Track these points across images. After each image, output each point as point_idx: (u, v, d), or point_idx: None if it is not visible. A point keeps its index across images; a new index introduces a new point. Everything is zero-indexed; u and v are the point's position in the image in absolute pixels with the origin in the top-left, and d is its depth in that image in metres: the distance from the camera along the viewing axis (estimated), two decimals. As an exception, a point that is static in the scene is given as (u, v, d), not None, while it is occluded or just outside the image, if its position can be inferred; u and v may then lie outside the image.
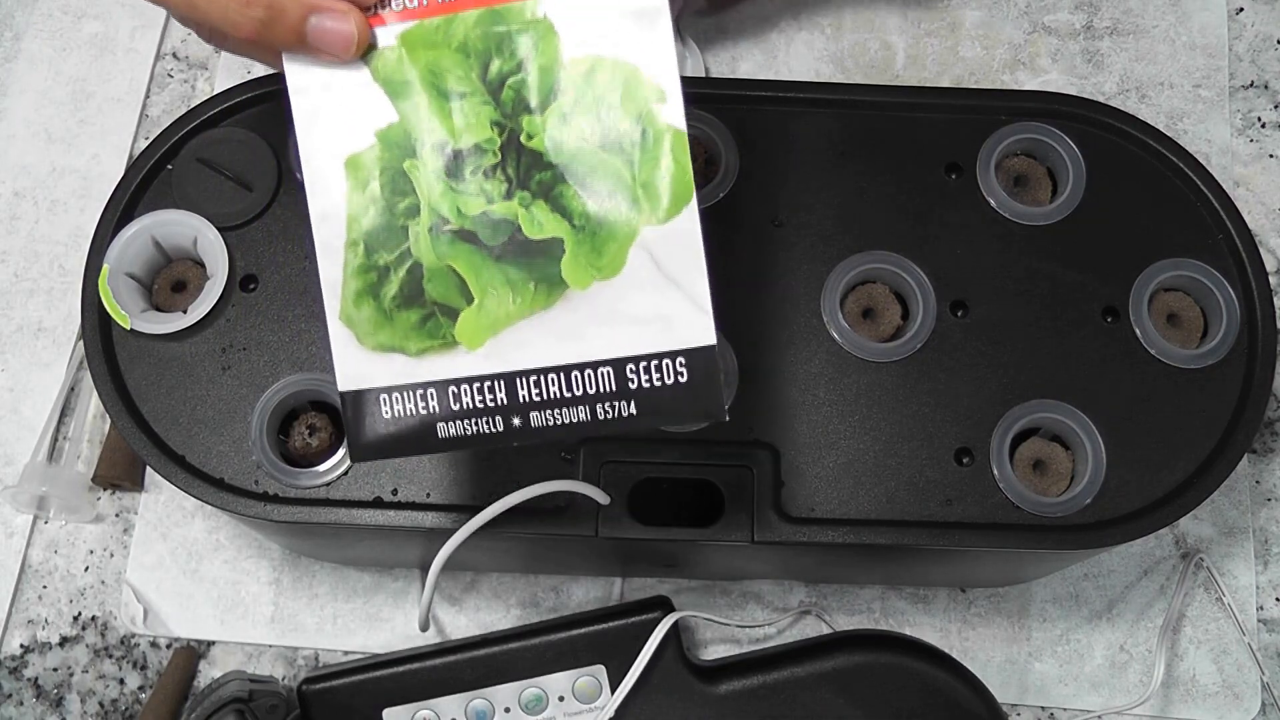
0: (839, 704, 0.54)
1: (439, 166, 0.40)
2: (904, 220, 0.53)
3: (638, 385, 0.39)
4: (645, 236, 0.39)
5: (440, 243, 0.40)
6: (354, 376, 0.40)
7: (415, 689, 0.54)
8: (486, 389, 0.40)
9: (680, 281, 0.39)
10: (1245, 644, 0.61)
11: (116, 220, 0.52)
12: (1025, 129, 0.54)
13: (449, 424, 0.40)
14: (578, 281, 0.39)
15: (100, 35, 0.71)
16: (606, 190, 0.39)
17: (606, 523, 0.49)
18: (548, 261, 0.39)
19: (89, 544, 0.63)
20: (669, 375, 0.39)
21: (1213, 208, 0.53)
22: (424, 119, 0.40)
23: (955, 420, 0.51)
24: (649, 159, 0.39)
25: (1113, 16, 0.71)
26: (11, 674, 0.61)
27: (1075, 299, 0.52)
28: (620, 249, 0.39)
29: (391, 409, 0.40)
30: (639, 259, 0.39)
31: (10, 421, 0.64)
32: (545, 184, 0.39)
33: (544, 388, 0.39)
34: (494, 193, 0.40)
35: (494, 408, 0.40)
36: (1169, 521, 0.49)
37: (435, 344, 0.40)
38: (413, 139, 0.40)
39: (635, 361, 0.39)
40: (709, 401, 0.39)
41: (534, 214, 0.39)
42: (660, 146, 0.39)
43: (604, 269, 0.39)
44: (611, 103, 0.39)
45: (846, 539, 0.49)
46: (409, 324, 0.40)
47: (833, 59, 0.70)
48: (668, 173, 0.39)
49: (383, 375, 0.40)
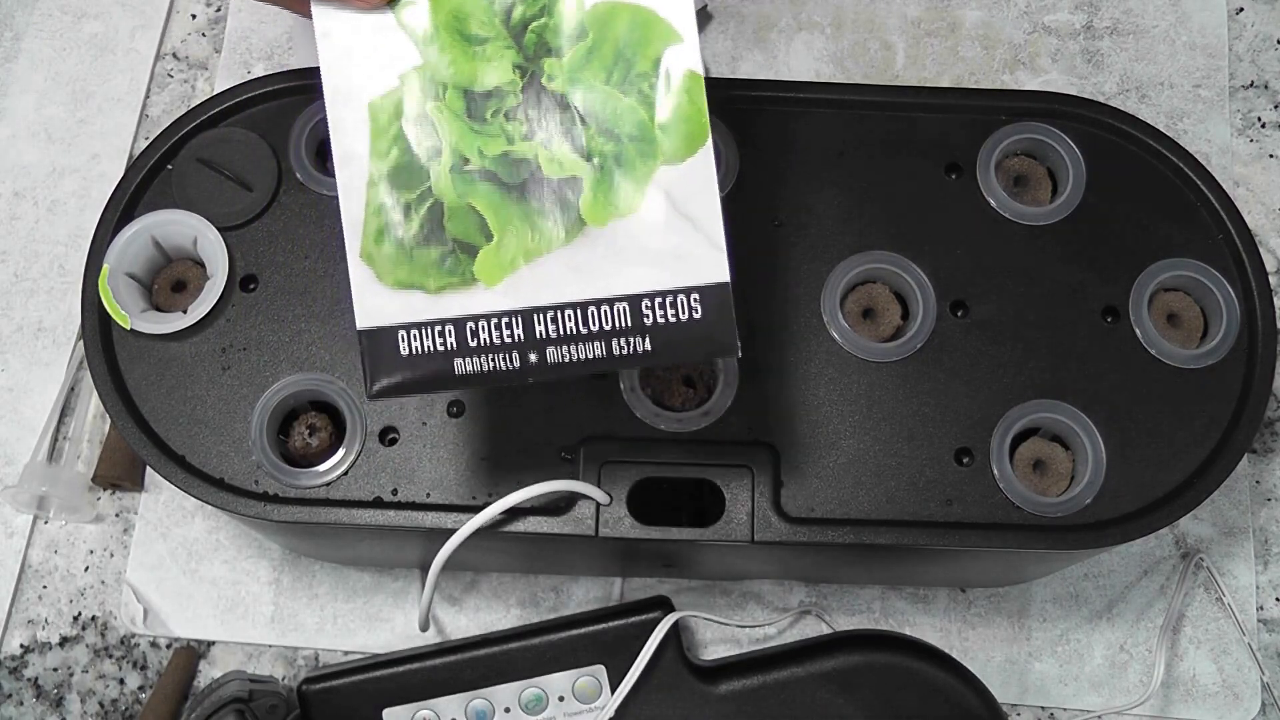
0: (839, 704, 0.54)
1: (461, 108, 0.41)
2: (904, 220, 0.53)
3: (653, 321, 0.40)
4: (662, 176, 0.40)
5: (461, 181, 0.41)
6: (373, 313, 0.41)
7: (415, 689, 0.54)
8: (504, 325, 0.40)
9: (696, 220, 0.40)
10: (1245, 644, 0.61)
11: (116, 220, 0.52)
12: (1025, 129, 0.54)
13: (465, 360, 0.40)
14: (596, 219, 0.40)
15: (100, 35, 0.71)
16: (625, 131, 0.40)
17: (606, 523, 0.49)
18: (566, 200, 0.40)
19: (89, 544, 0.63)
20: (684, 311, 0.40)
21: (1213, 208, 0.53)
22: (447, 62, 0.40)
23: (955, 420, 0.51)
24: (666, 101, 0.40)
25: (1113, 16, 0.71)
26: (11, 674, 0.61)
27: (1075, 299, 0.52)
28: (637, 188, 0.40)
29: (409, 346, 0.40)
30: (655, 198, 0.40)
31: (10, 421, 0.64)
32: (565, 125, 0.40)
33: (560, 324, 0.40)
34: (515, 133, 0.41)
35: (511, 344, 0.40)
36: (1169, 521, 0.50)
37: (454, 281, 0.40)
38: (436, 82, 0.40)
39: (650, 298, 0.40)
40: (723, 337, 0.40)
41: (554, 154, 0.40)
42: (677, 89, 0.40)
43: (621, 208, 0.40)
44: (630, 46, 0.40)
45: (846, 539, 0.49)
46: (429, 261, 0.41)
47: (833, 59, 0.70)
48: (684, 114, 0.40)
49: (401, 312, 0.40)
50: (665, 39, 0.40)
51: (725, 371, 0.51)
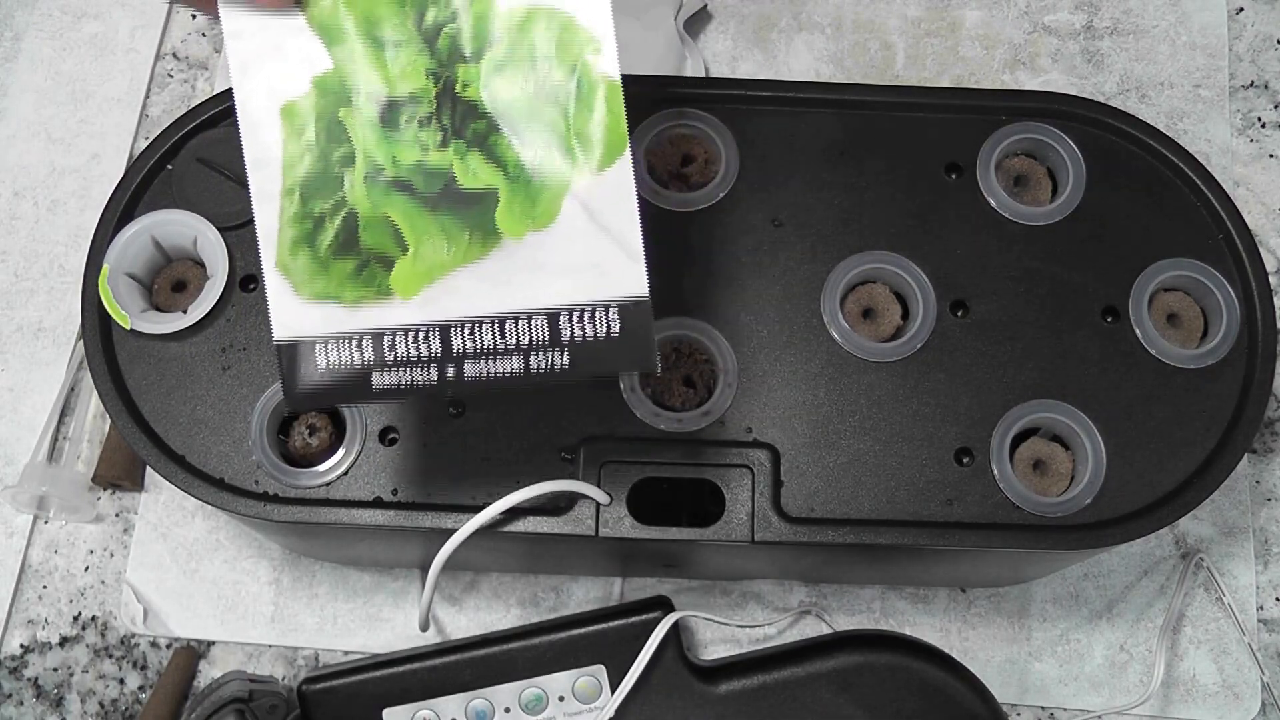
0: (839, 704, 0.54)
1: (374, 115, 0.40)
2: (904, 220, 0.53)
3: (570, 336, 0.39)
4: (579, 187, 0.39)
5: (375, 191, 0.40)
6: (289, 326, 0.40)
7: (415, 689, 0.54)
8: (421, 338, 0.40)
9: (613, 231, 0.39)
10: (1245, 644, 0.61)
11: (116, 220, 0.52)
12: (1025, 129, 0.54)
13: (383, 373, 0.40)
14: (512, 231, 0.40)
15: (100, 35, 0.71)
16: (541, 140, 0.39)
17: (606, 523, 0.49)
18: (482, 211, 0.40)
19: (89, 544, 0.63)
20: (601, 326, 0.39)
21: (1213, 208, 0.53)
22: (359, 67, 0.40)
23: (955, 420, 0.51)
24: (583, 109, 0.39)
25: (1113, 16, 0.71)
26: (11, 674, 0.61)
27: (1075, 299, 0.52)
28: (554, 199, 0.39)
29: (326, 359, 0.40)
30: (573, 209, 0.39)
31: (10, 421, 0.64)
32: (480, 133, 0.40)
33: (478, 338, 0.40)
34: (429, 142, 0.40)
35: (428, 358, 0.40)
36: (1169, 521, 0.49)
37: (370, 293, 0.40)
38: (348, 87, 0.40)
39: (568, 312, 0.39)
40: (642, 353, 0.39)
41: (469, 164, 0.40)
42: (595, 97, 0.39)
43: (538, 219, 0.39)
44: (546, 52, 0.39)
45: (846, 539, 0.49)
46: (344, 273, 0.40)
47: (833, 59, 0.70)
48: (602, 123, 0.39)
49: (318, 324, 0.40)
50: (583, 46, 0.39)
51: (725, 372, 0.51)
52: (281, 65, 0.40)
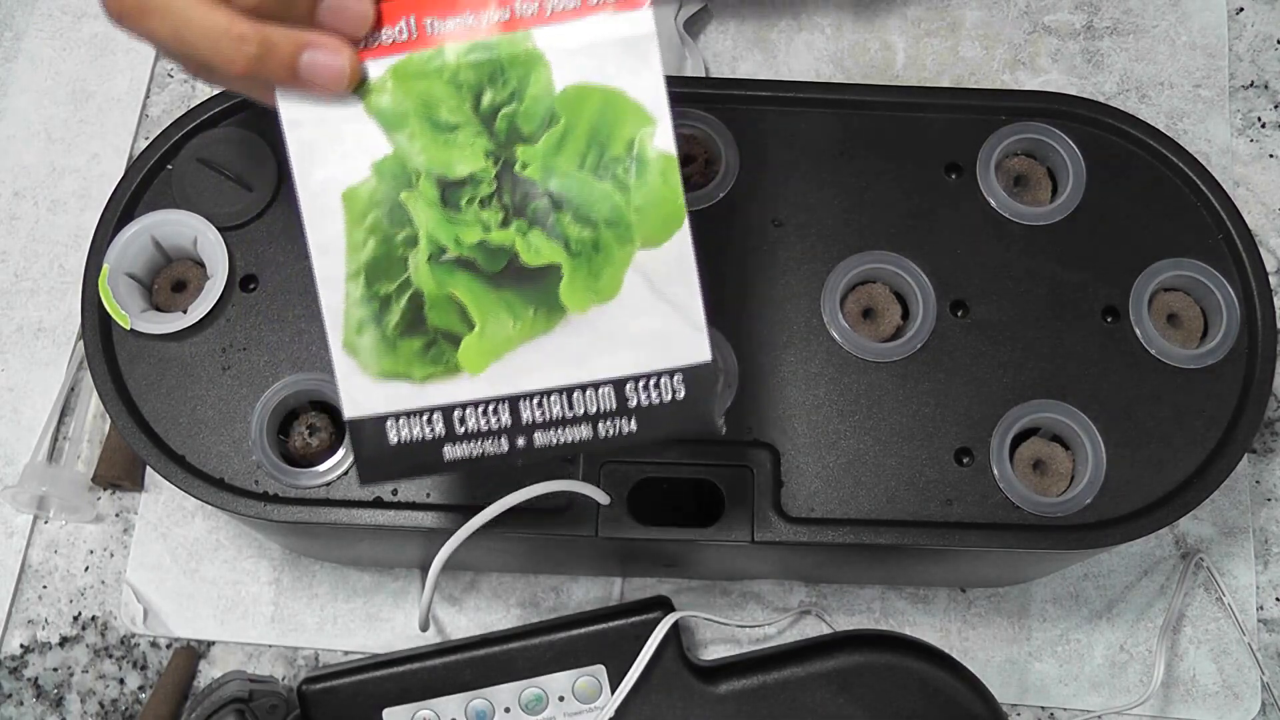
0: (839, 704, 0.54)
1: (435, 197, 0.40)
2: (904, 220, 0.53)
3: (637, 403, 0.40)
4: (640, 260, 0.40)
5: (439, 271, 0.40)
6: (360, 404, 0.41)
7: (415, 689, 0.54)
8: (491, 411, 0.40)
9: (675, 302, 0.40)
10: (1245, 644, 0.61)
11: (116, 220, 0.52)
12: (1025, 129, 0.54)
13: (455, 446, 0.41)
14: (576, 305, 0.40)
15: (100, 35, 0.71)
16: (601, 217, 0.40)
17: (606, 523, 0.49)
18: (546, 287, 0.40)
19: (89, 544, 0.63)
20: (667, 392, 0.40)
21: (1213, 208, 0.53)
22: (418, 150, 0.40)
23: (955, 420, 0.51)
24: (641, 185, 0.40)
25: (1113, 16, 0.71)
26: (11, 674, 0.61)
27: (1075, 299, 0.52)
28: (616, 273, 0.40)
29: (398, 434, 0.41)
30: (635, 282, 0.40)
31: (10, 421, 0.64)
32: (541, 212, 0.40)
33: (547, 408, 0.40)
34: (491, 221, 0.40)
35: (499, 429, 0.40)
36: (1169, 521, 0.50)
37: (439, 370, 0.40)
38: (408, 170, 0.40)
39: (634, 380, 0.40)
40: (707, 415, 0.40)
41: (531, 241, 0.40)
42: (652, 172, 0.40)
43: (601, 293, 0.40)
44: (602, 129, 0.40)
45: (846, 539, 0.49)
46: (412, 351, 0.41)
47: (833, 59, 0.70)
48: (659, 197, 0.40)
49: (388, 402, 0.41)
50: (637, 121, 0.39)
51: (725, 372, 0.51)
52: (341, 152, 0.40)
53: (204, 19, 0.37)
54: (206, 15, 0.37)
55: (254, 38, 0.37)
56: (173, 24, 0.38)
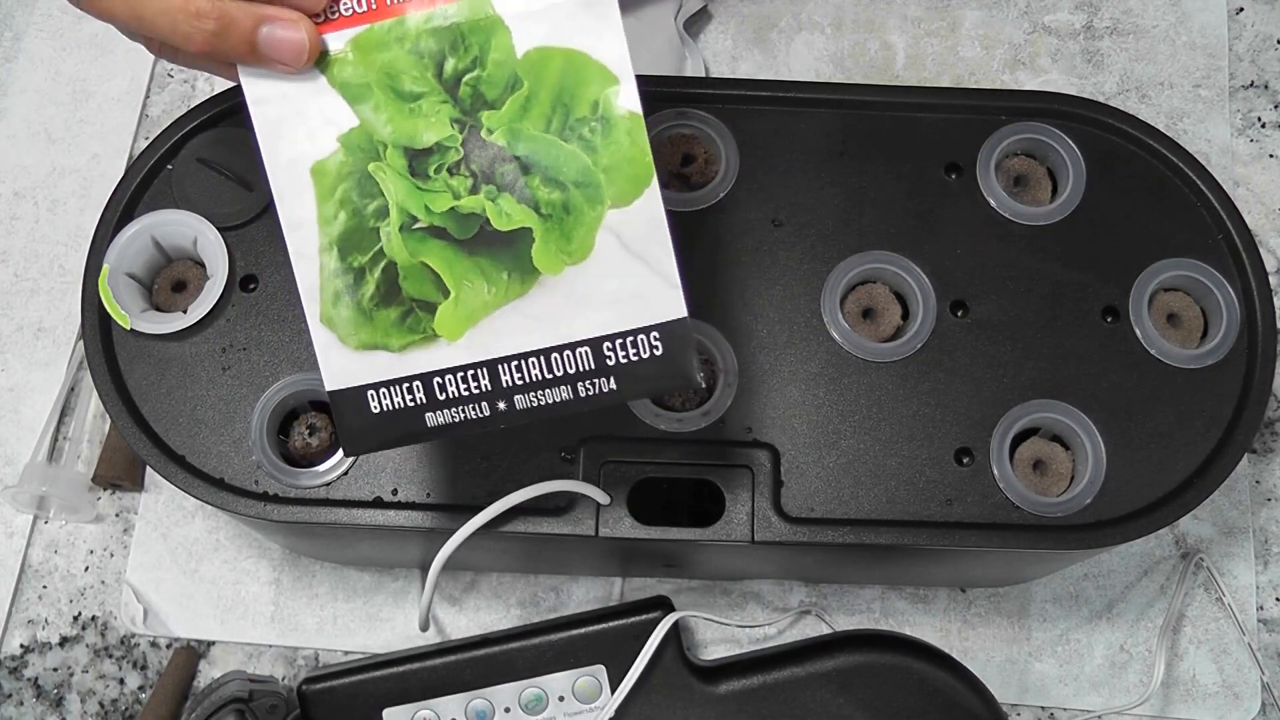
0: (839, 704, 0.54)
1: (403, 166, 0.40)
2: (904, 220, 0.53)
3: (615, 361, 0.40)
4: (610, 219, 0.40)
5: (411, 240, 0.41)
6: (340, 375, 0.41)
7: (415, 689, 0.54)
8: (470, 377, 0.41)
9: (648, 259, 0.40)
10: (1245, 644, 0.61)
11: (116, 220, 0.52)
12: (1025, 129, 0.54)
13: (436, 413, 0.41)
14: (549, 268, 0.40)
15: (100, 35, 0.71)
16: (569, 178, 0.40)
17: (606, 523, 0.49)
18: (519, 251, 0.40)
19: (89, 544, 0.63)
20: (644, 349, 0.40)
21: (1213, 208, 0.53)
22: (384, 121, 0.40)
23: (955, 420, 0.51)
24: (608, 144, 0.40)
25: (1113, 16, 0.71)
26: (11, 674, 0.61)
27: (1075, 299, 0.52)
28: (588, 233, 0.40)
29: (379, 403, 0.41)
30: (607, 241, 0.40)
31: (10, 421, 0.64)
32: (509, 176, 0.40)
33: (525, 371, 0.41)
34: (460, 188, 0.40)
35: (479, 394, 0.41)
36: (1169, 521, 0.49)
37: (416, 338, 0.41)
38: (375, 141, 0.40)
39: (612, 339, 0.40)
40: (684, 370, 0.40)
41: (501, 206, 0.40)
42: (618, 131, 0.40)
43: (574, 254, 0.40)
44: (567, 91, 0.40)
45: (846, 539, 0.49)
46: (389, 321, 0.41)
47: (833, 59, 0.70)
48: (627, 155, 0.40)
49: (368, 372, 0.41)
50: (602, 81, 0.40)
51: (725, 372, 0.51)
52: (307, 126, 0.40)
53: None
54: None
55: (211, 13, 0.37)
56: (130, 3, 0.38)
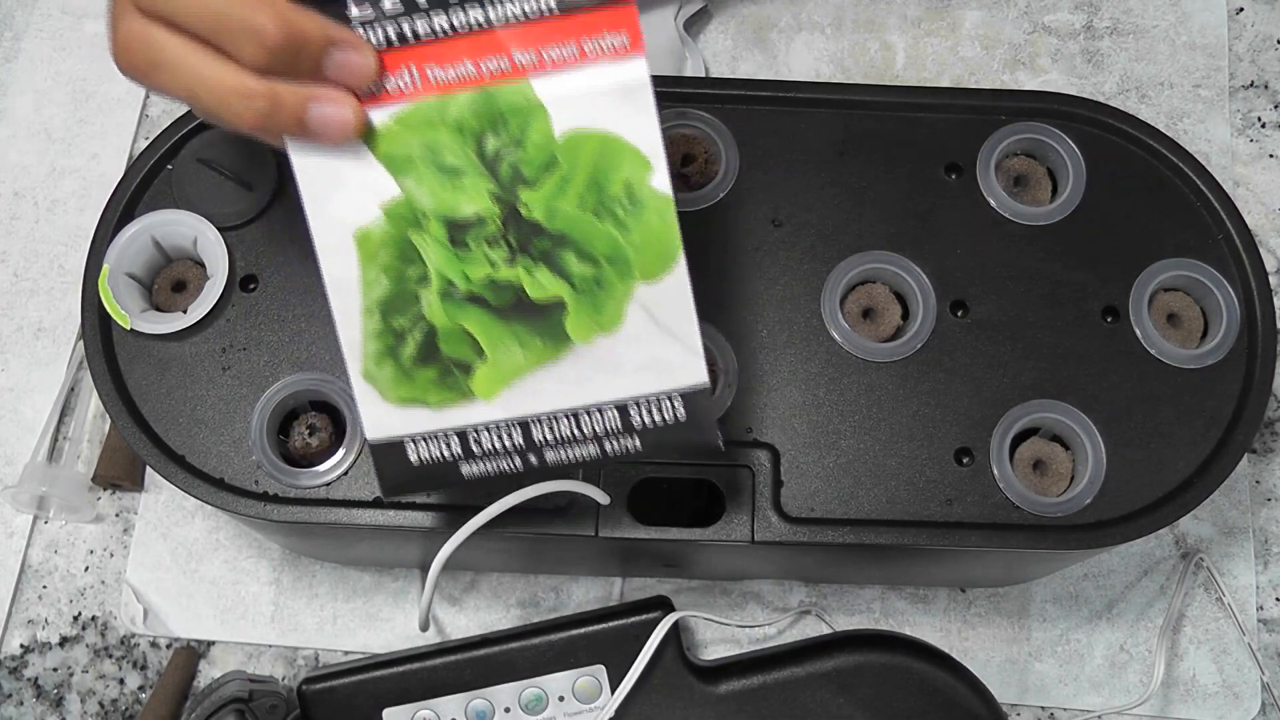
0: (839, 704, 0.54)
1: (443, 236, 0.42)
2: (904, 220, 0.53)
3: (641, 424, 0.42)
4: (640, 293, 0.42)
5: (451, 306, 0.42)
6: (379, 426, 0.43)
7: (415, 689, 0.54)
8: (504, 432, 0.43)
9: (674, 330, 0.42)
10: (1245, 644, 0.61)
11: (116, 220, 0.52)
12: (1025, 129, 0.54)
13: (472, 464, 0.43)
14: (581, 336, 0.42)
15: (100, 35, 0.71)
16: (602, 254, 0.42)
17: (606, 523, 0.49)
18: (552, 319, 0.42)
19: (89, 544, 0.63)
20: (668, 413, 0.42)
21: (1213, 208, 0.53)
22: (426, 193, 0.42)
23: (955, 420, 0.51)
24: (640, 223, 0.42)
25: (1113, 16, 0.71)
26: (11, 674, 0.61)
27: (1075, 299, 0.52)
28: (618, 306, 0.42)
29: (417, 454, 0.43)
30: (635, 313, 0.42)
31: (10, 421, 0.64)
32: (545, 250, 0.42)
33: (556, 429, 0.43)
34: (497, 259, 0.42)
35: (512, 449, 0.43)
36: (1169, 521, 0.49)
37: (454, 396, 0.43)
38: (417, 211, 0.42)
39: (637, 402, 0.42)
40: (706, 433, 0.43)
41: (536, 278, 0.42)
42: (649, 211, 0.41)
43: (604, 324, 0.42)
44: (601, 172, 0.41)
45: (846, 539, 0.49)
46: (428, 379, 0.43)
47: (833, 59, 0.70)
48: (657, 235, 0.42)
49: (407, 424, 0.43)
50: (635, 164, 0.41)
51: (725, 372, 0.51)
52: (351, 195, 0.42)
53: (213, 76, 0.39)
54: (216, 72, 0.39)
55: (262, 93, 0.39)
56: (184, 80, 0.39)
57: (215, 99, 0.39)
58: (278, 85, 0.39)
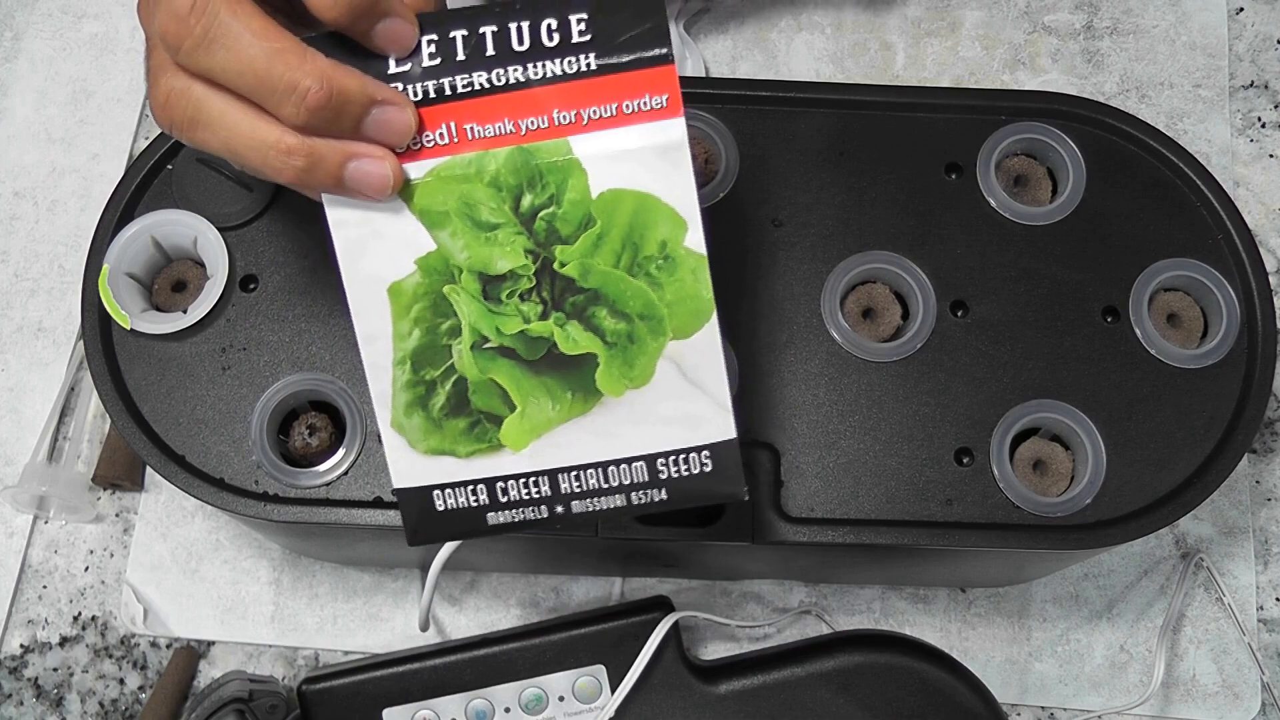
0: (839, 704, 0.54)
1: (477, 290, 0.42)
2: (904, 220, 0.53)
3: (668, 475, 0.43)
4: (671, 350, 0.42)
5: (482, 359, 0.42)
6: (407, 475, 0.43)
7: (415, 689, 0.54)
8: (532, 484, 0.43)
9: (704, 386, 0.42)
10: (1245, 644, 0.61)
11: (116, 220, 0.52)
12: (1025, 129, 0.54)
13: (498, 513, 0.43)
14: (611, 390, 0.42)
15: (100, 35, 0.71)
16: (635, 311, 0.42)
17: (606, 523, 0.49)
18: (583, 374, 0.42)
19: (89, 544, 0.63)
20: (695, 466, 0.43)
21: (1213, 208, 0.53)
22: (461, 248, 0.42)
23: (955, 420, 0.51)
24: (673, 282, 0.42)
25: (1113, 16, 0.71)
26: (11, 674, 0.61)
27: (1075, 299, 0.52)
28: (649, 362, 0.42)
29: (444, 502, 0.43)
30: (666, 369, 0.42)
31: (10, 421, 0.64)
32: (578, 306, 0.42)
33: (584, 480, 0.43)
34: (530, 314, 0.42)
35: (539, 499, 0.43)
36: (1169, 521, 0.49)
37: (483, 447, 0.43)
38: (451, 265, 0.42)
39: (665, 456, 0.43)
40: (732, 485, 0.43)
41: (569, 333, 0.42)
42: (683, 270, 0.42)
43: (635, 380, 0.42)
44: (637, 231, 0.41)
45: (846, 539, 0.49)
46: (457, 430, 0.43)
47: (833, 59, 0.70)
48: (690, 294, 0.42)
49: (434, 474, 0.43)
50: (671, 224, 0.41)
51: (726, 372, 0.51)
52: (386, 249, 0.42)
53: (253, 133, 0.39)
54: (255, 129, 0.39)
55: (302, 151, 0.39)
56: (224, 137, 0.39)
57: (256, 156, 0.39)
58: (318, 142, 0.39)
